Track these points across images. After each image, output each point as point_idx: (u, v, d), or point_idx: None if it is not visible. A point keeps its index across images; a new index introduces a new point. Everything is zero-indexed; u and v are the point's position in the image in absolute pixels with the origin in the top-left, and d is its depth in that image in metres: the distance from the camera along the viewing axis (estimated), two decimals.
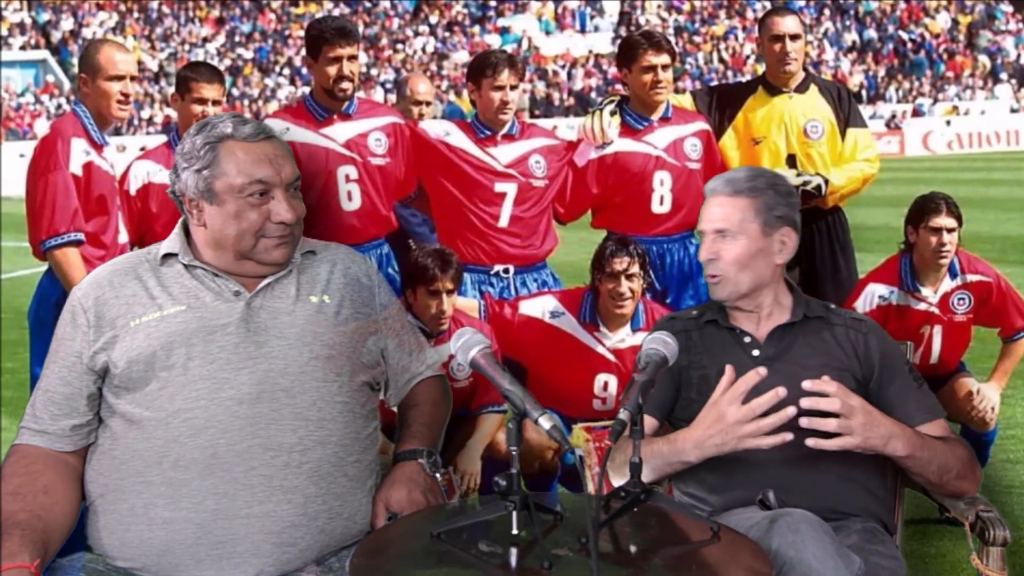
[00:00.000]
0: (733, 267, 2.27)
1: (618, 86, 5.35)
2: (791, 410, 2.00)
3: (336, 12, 32.86)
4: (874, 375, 2.25)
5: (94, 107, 3.65)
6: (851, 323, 2.33)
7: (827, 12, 35.89)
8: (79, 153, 3.55)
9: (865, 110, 16.32)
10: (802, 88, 4.19)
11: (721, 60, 33.93)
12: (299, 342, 2.02)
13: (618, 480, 2.03)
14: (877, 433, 2.05)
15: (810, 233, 4.17)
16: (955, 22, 35.13)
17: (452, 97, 27.43)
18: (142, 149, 7.45)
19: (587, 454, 2.53)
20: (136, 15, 35.61)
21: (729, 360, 2.25)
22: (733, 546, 1.82)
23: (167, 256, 2.08)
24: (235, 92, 30.91)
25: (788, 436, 2.01)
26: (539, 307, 3.70)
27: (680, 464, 2.13)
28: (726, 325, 2.33)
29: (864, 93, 30.93)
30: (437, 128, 4.02)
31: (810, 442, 2.02)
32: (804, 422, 2.01)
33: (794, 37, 4.12)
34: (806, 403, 2.02)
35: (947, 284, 3.95)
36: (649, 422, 2.24)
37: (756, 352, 2.27)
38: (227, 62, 32.44)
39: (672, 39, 15.19)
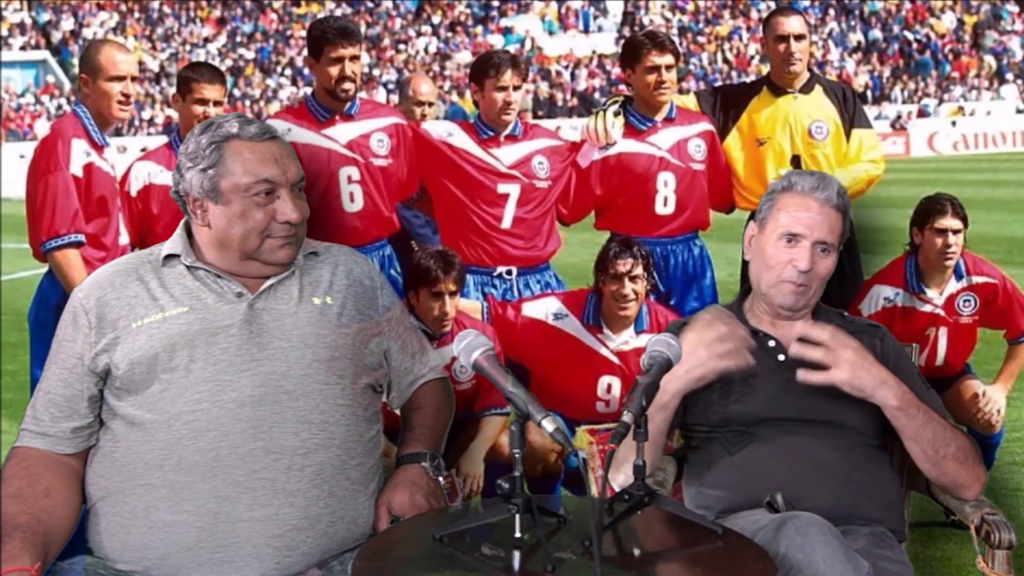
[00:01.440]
0: (819, 281, 2.24)
1: (622, 87, 5.35)
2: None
3: (338, 12, 32.92)
4: None
5: (95, 108, 3.64)
6: (867, 329, 2.32)
7: (832, 12, 35.86)
8: (79, 154, 3.54)
9: (870, 111, 16.20)
10: (807, 88, 4.18)
11: (725, 60, 33.92)
12: (302, 344, 2.02)
13: (623, 481, 2.01)
14: (868, 374, 2.05)
15: None
16: (961, 22, 35.08)
17: (455, 98, 27.44)
18: (143, 150, 7.44)
19: (590, 457, 2.53)
20: (137, 15, 35.64)
21: (754, 364, 2.22)
22: (738, 549, 1.81)
23: (169, 257, 2.07)
24: (236, 93, 30.93)
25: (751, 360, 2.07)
26: (542, 309, 3.69)
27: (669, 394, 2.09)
28: (749, 327, 2.28)
29: (869, 93, 30.90)
30: (440, 129, 4.01)
31: (800, 374, 2.04)
32: (800, 374, 2.04)
33: (799, 37, 4.11)
34: (794, 349, 2.05)
35: (953, 286, 3.94)
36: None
37: (782, 357, 2.24)
38: (228, 62, 32.45)
39: (676, 39, 15.19)
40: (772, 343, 2.27)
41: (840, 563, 1.82)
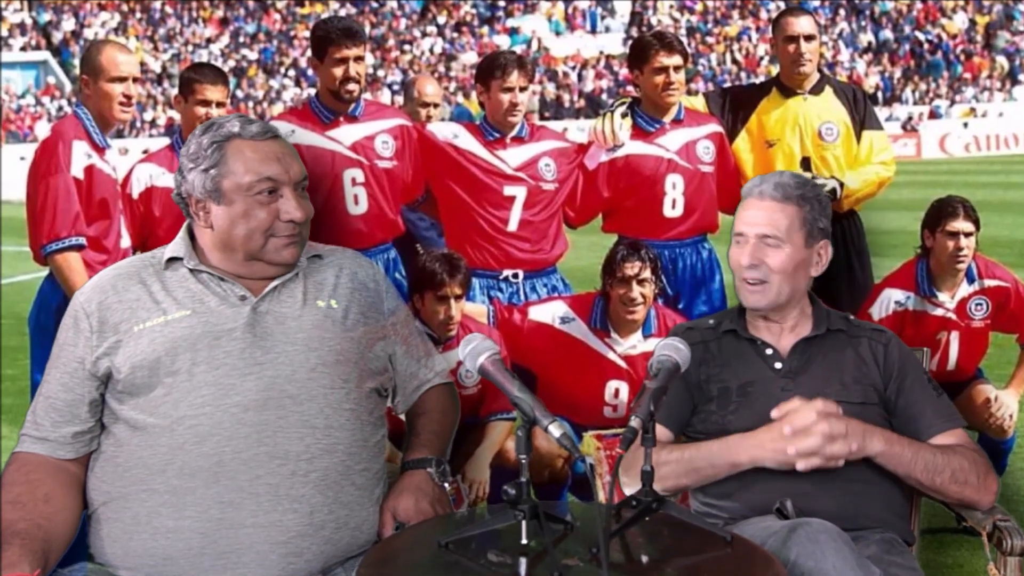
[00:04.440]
0: (778, 275, 2.22)
1: (629, 88, 5.32)
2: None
3: (342, 12, 32.88)
4: (891, 384, 2.23)
5: (96, 109, 3.61)
6: (871, 335, 2.30)
7: (842, 12, 35.78)
8: (80, 156, 3.51)
9: (881, 112, 16.23)
10: (817, 90, 4.15)
11: (734, 61, 33.89)
12: (306, 348, 2.00)
13: (635, 486, 2.00)
14: (854, 435, 2.05)
15: None
16: (972, 23, 34.97)
17: (460, 99, 27.46)
18: (145, 152, 7.42)
19: (598, 462, 2.50)
20: (139, 15, 35.74)
21: (751, 372, 2.23)
22: (746, 556, 1.80)
23: (171, 260, 2.06)
24: (239, 94, 31.02)
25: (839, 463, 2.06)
26: (549, 313, 3.66)
27: (727, 466, 2.11)
28: (746, 336, 2.29)
29: (880, 95, 30.83)
30: (445, 130, 3.99)
31: (800, 465, 2.04)
32: (791, 450, 2.04)
33: (809, 38, 4.08)
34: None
35: (964, 289, 3.91)
36: (664, 433, 2.21)
37: (779, 365, 2.24)
38: (231, 63, 32.53)
39: (684, 40, 15.18)
40: (770, 351, 2.26)
41: (851, 570, 1.81)
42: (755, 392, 2.20)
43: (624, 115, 4.02)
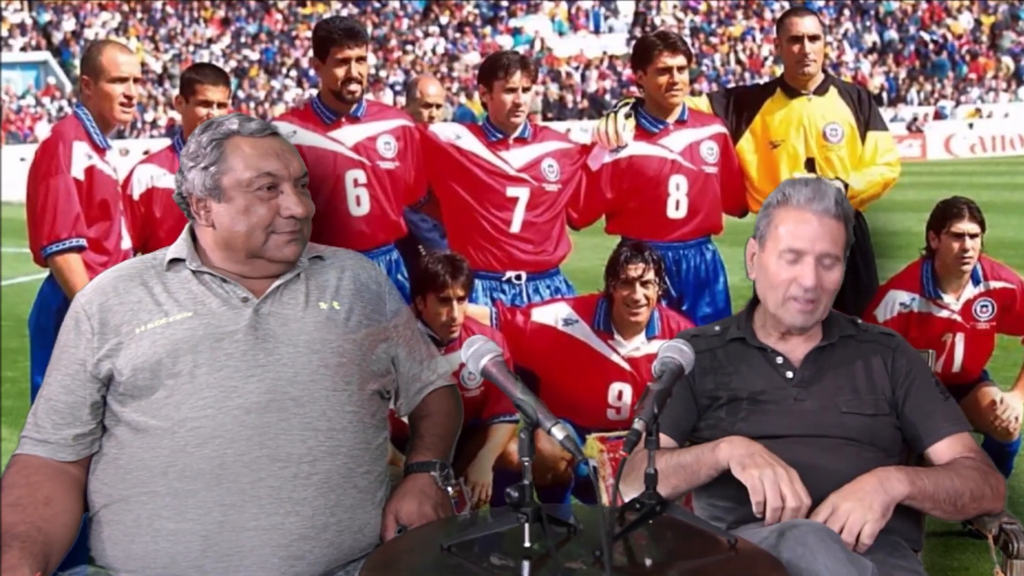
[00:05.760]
0: (827, 296, 2.17)
1: (633, 88, 5.32)
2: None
3: (344, 12, 32.98)
4: (899, 389, 2.22)
5: (96, 110, 3.61)
6: (880, 338, 2.28)
7: (847, 12, 35.77)
8: (81, 157, 3.51)
9: (886, 113, 16.18)
10: (821, 90, 4.13)
11: (738, 61, 33.88)
12: (308, 350, 2.00)
13: (633, 492, 1.97)
14: (878, 499, 1.97)
15: None
16: (978, 23, 34.93)
17: (463, 99, 27.40)
18: (145, 152, 7.41)
19: (601, 465, 2.48)
20: (139, 15, 35.81)
21: (761, 381, 2.20)
22: (750, 559, 1.79)
23: (173, 261, 2.06)
24: (241, 94, 31.04)
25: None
26: (552, 314, 3.65)
27: (711, 459, 2.03)
28: (756, 344, 2.26)
29: (885, 95, 30.81)
30: (448, 131, 3.98)
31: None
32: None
33: (813, 38, 4.07)
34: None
35: (970, 291, 3.91)
36: (667, 442, 2.18)
37: (790, 374, 2.22)
38: (232, 63, 32.58)
39: (688, 40, 15.17)
40: (780, 359, 2.23)
41: (844, 567, 1.80)
42: (766, 401, 2.18)
43: (628, 116, 4.01)
